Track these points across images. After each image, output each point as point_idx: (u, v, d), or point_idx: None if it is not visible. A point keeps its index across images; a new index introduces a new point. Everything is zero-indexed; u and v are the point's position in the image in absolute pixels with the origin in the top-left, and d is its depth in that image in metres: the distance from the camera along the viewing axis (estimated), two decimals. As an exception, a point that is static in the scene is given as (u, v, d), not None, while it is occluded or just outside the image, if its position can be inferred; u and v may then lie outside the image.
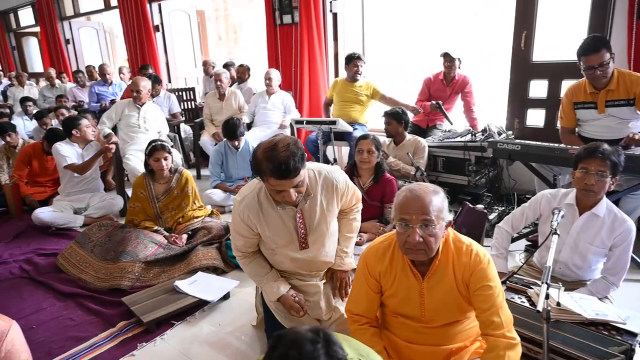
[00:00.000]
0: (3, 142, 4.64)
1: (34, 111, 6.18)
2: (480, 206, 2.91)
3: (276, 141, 1.57)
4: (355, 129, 4.06)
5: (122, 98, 5.61)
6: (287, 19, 4.90)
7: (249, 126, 4.71)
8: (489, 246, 2.31)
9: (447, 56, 3.94)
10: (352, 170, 2.88)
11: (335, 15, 4.82)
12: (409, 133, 3.52)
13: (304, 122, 3.65)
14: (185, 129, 5.56)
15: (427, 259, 1.48)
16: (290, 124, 4.52)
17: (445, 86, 4.05)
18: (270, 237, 1.83)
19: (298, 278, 1.99)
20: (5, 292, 2.68)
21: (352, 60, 4.25)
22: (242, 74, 5.35)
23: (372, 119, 4.48)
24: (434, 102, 3.89)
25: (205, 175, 4.90)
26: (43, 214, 3.59)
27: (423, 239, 1.39)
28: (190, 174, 3.28)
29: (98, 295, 2.60)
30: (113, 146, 3.81)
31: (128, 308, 2.39)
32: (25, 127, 5.93)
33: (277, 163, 1.52)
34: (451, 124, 3.96)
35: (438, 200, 1.42)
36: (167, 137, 4.28)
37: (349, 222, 2.04)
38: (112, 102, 5.82)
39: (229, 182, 4.01)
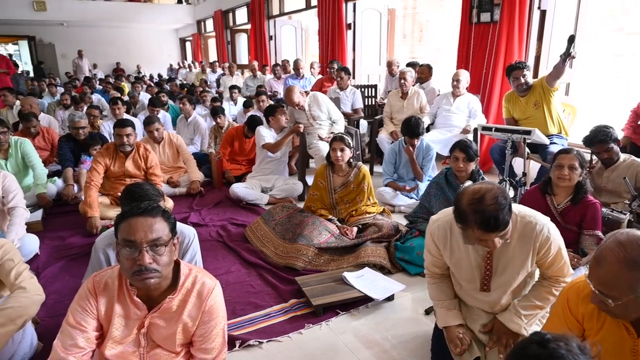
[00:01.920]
0: (214, 123, 5.47)
1: (238, 98, 7.15)
2: None
3: (483, 192, 1.50)
4: (552, 143, 3.59)
5: (312, 89, 6.04)
6: (485, 17, 4.59)
7: (428, 128, 4.59)
8: None
9: None
10: (545, 188, 2.54)
11: (543, 12, 4.32)
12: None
13: (493, 129, 3.36)
14: (364, 125, 5.71)
15: None
16: (475, 130, 4.25)
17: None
18: (452, 266, 1.79)
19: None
20: (206, 251, 3.12)
21: (511, 71, 3.72)
22: (421, 74, 5.24)
23: (575, 132, 3.91)
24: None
25: (377, 172, 4.97)
26: (238, 189, 4.10)
27: (604, 302, 1.19)
28: (368, 171, 3.35)
29: (275, 270, 2.85)
30: (301, 126, 4.20)
31: (299, 288, 2.56)
32: (230, 111, 6.90)
33: (485, 217, 1.46)
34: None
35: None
36: (345, 129, 4.44)
37: (545, 292, 1.73)
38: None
39: (401, 182, 3.97)
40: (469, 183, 2.77)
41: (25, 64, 15.71)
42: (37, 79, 13.17)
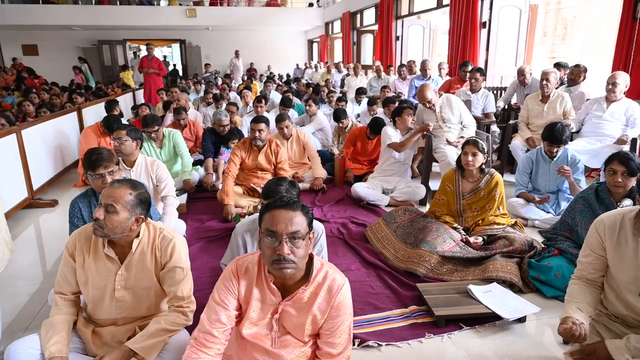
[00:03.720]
0: (336, 124, 5.59)
1: (362, 100, 7.22)
2: None
3: None
4: None
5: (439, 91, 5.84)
6: (655, 11, 3.97)
7: (571, 136, 4.11)
8: None
9: None
10: None
11: None
12: None
13: (660, 140, 2.89)
14: (494, 130, 5.34)
15: None
16: (633, 140, 3.69)
17: None
18: (612, 264, 1.67)
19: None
20: (327, 247, 3.21)
21: None
22: (576, 76, 4.68)
23: None
24: None
25: (507, 181, 4.60)
26: (360, 188, 4.13)
27: None
28: (501, 178, 3.12)
29: (395, 273, 2.81)
30: (431, 125, 4.08)
31: (420, 295, 2.48)
32: (353, 110, 7.01)
33: None
34: None
35: None
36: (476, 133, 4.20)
37: None
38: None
39: (537, 194, 3.62)
40: (627, 202, 2.41)
41: (175, 64, 17.87)
42: (185, 77, 14.89)
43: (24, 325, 2.40)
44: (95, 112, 6.51)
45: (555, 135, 3.30)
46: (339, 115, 5.48)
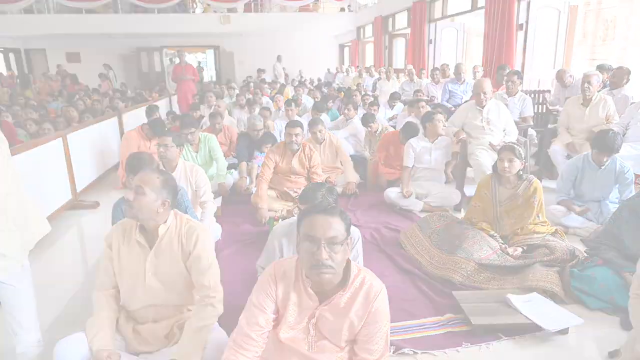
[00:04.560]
0: (366, 128, 5.58)
1: (396, 104, 7.18)
2: None
3: None
4: None
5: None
6: None
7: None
8: None
9: None
10: None
11: None
12: None
13: None
14: (531, 134, 5.19)
15: None
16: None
17: None
18: None
19: None
20: (360, 252, 3.20)
21: None
22: (619, 78, 4.50)
23: None
24: None
25: (546, 187, 4.45)
26: (393, 193, 4.10)
27: None
28: (540, 185, 3.03)
29: (430, 280, 2.77)
30: (464, 135, 4.04)
31: (457, 303, 2.44)
32: (385, 115, 6.97)
33: None
34: None
35: None
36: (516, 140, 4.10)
37: None
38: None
39: (579, 201, 3.50)
40: (678, 210, 2.30)
41: (209, 69, 18.29)
42: (218, 82, 15.20)
43: (66, 323, 2.50)
44: (134, 117, 6.74)
45: (607, 143, 3.16)
46: (367, 119, 5.46)
